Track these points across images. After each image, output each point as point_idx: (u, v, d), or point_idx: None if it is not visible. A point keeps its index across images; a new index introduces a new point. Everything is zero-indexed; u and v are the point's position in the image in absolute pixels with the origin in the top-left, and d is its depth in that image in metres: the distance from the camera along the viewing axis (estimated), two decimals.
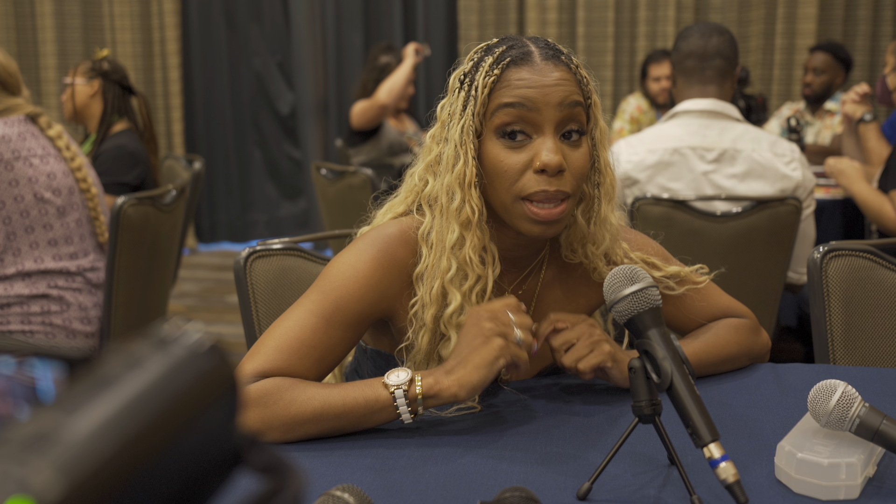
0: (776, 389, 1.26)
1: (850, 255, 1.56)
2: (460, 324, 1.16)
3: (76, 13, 5.93)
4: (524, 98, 1.12)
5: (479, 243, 1.17)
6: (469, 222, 1.16)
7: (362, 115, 4.22)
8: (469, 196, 1.15)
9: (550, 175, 1.12)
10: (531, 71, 1.13)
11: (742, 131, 2.50)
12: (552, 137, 1.13)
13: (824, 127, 4.26)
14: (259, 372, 1.10)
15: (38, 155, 2.39)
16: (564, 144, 1.14)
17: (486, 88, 1.14)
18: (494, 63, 1.15)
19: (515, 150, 1.14)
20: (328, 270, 1.19)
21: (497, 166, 1.14)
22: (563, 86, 1.13)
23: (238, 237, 6.32)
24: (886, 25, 5.19)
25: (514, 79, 1.13)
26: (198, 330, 0.42)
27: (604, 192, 1.21)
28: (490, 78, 1.14)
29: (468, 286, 1.17)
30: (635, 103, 4.91)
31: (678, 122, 2.52)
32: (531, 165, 1.13)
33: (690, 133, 2.48)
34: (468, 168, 1.15)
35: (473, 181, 1.15)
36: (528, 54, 1.15)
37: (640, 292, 0.98)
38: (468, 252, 1.16)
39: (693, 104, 2.51)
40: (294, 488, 0.41)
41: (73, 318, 2.43)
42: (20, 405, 0.46)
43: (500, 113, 1.13)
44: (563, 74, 1.14)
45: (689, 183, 2.48)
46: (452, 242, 1.16)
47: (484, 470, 1.01)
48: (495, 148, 1.15)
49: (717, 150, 2.46)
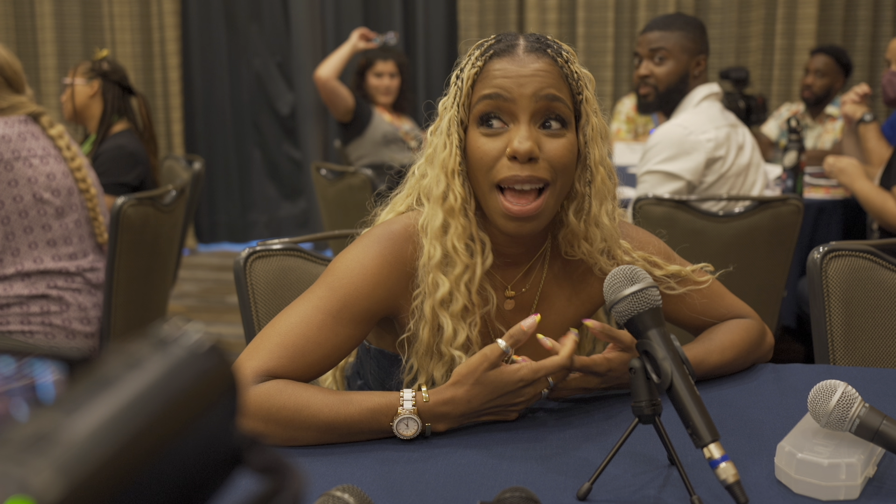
0: (776, 390, 1.26)
1: (850, 255, 1.56)
2: (454, 314, 1.16)
3: (76, 13, 5.93)
4: (500, 87, 1.15)
5: (463, 231, 1.18)
6: (452, 210, 1.18)
7: (326, 101, 4.27)
8: (452, 183, 1.18)
9: (522, 161, 1.14)
10: (510, 62, 1.16)
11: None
12: (526, 125, 1.15)
13: (825, 131, 4.26)
14: (262, 371, 1.09)
15: (38, 155, 2.39)
16: (542, 133, 1.16)
17: (470, 80, 1.18)
18: (480, 55, 1.19)
19: (492, 137, 1.16)
20: (335, 267, 1.18)
21: (475, 153, 1.17)
22: (541, 77, 1.15)
23: (238, 237, 6.32)
24: (886, 26, 5.19)
25: (493, 69, 1.17)
26: (198, 330, 0.42)
27: (595, 189, 1.21)
28: (473, 69, 1.18)
29: (456, 274, 1.17)
30: (630, 104, 4.91)
31: (712, 105, 2.66)
32: (505, 152, 1.15)
33: (723, 114, 2.66)
34: (452, 156, 1.18)
35: (457, 169, 1.18)
36: (513, 46, 1.18)
37: (640, 293, 0.98)
38: (452, 239, 1.17)
39: (708, 88, 2.67)
40: (294, 489, 0.41)
41: (73, 318, 2.43)
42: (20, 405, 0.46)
43: (480, 104, 1.16)
44: (543, 66, 1.16)
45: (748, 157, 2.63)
46: (436, 228, 1.18)
47: (484, 470, 1.01)
48: (475, 136, 1.17)
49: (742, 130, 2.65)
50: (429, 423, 1.07)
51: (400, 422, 1.06)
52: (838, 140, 3.98)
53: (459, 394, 1.07)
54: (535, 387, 1.08)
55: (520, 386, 1.07)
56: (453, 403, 1.07)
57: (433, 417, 1.07)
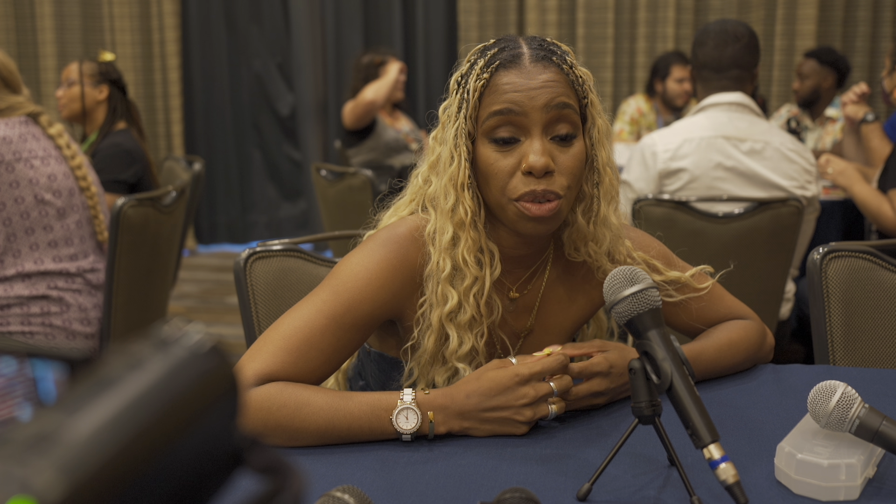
0: (776, 390, 1.27)
1: (850, 256, 1.56)
2: (461, 325, 1.17)
3: (76, 13, 5.93)
4: (511, 102, 1.14)
5: (473, 244, 1.18)
6: (462, 223, 1.17)
7: (352, 113, 4.27)
8: (462, 197, 1.17)
9: (538, 176, 1.13)
10: (519, 74, 1.15)
11: (768, 126, 2.59)
12: (539, 139, 1.14)
13: (825, 133, 4.26)
14: (264, 374, 1.09)
15: (39, 156, 2.39)
16: (554, 145, 1.15)
17: (477, 92, 1.16)
18: (485, 66, 1.17)
19: (505, 153, 1.15)
20: (339, 270, 1.18)
21: (488, 169, 1.16)
22: (551, 87, 1.14)
23: (238, 238, 6.32)
24: (886, 26, 5.19)
25: (502, 83, 1.15)
26: (198, 331, 0.42)
27: (603, 191, 1.22)
28: (480, 82, 1.16)
29: (465, 286, 1.17)
30: (635, 105, 4.90)
31: (708, 115, 2.58)
32: (520, 167, 1.14)
33: (723, 124, 2.55)
34: (461, 170, 1.17)
35: (466, 182, 1.17)
36: (518, 56, 1.16)
37: (640, 293, 0.98)
38: (462, 252, 1.17)
39: (721, 97, 2.58)
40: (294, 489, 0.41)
41: (73, 319, 2.43)
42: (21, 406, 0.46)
43: (490, 119, 1.15)
44: (551, 76, 1.15)
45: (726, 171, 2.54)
46: (447, 242, 1.17)
47: (484, 470, 1.01)
48: (486, 151, 1.16)
49: (749, 141, 2.53)
50: (430, 412, 1.07)
51: (399, 413, 1.06)
52: (838, 140, 3.98)
53: (458, 388, 1.09)
54: (535, 389, 1.08)
55: (516, 382, 1.07)
56: (451, 396, 1.08)
57: (432, 408, 1.08)
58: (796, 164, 2.54)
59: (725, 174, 2.52)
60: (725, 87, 2.58)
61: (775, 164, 2.52)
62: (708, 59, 2.57)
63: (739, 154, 2.53)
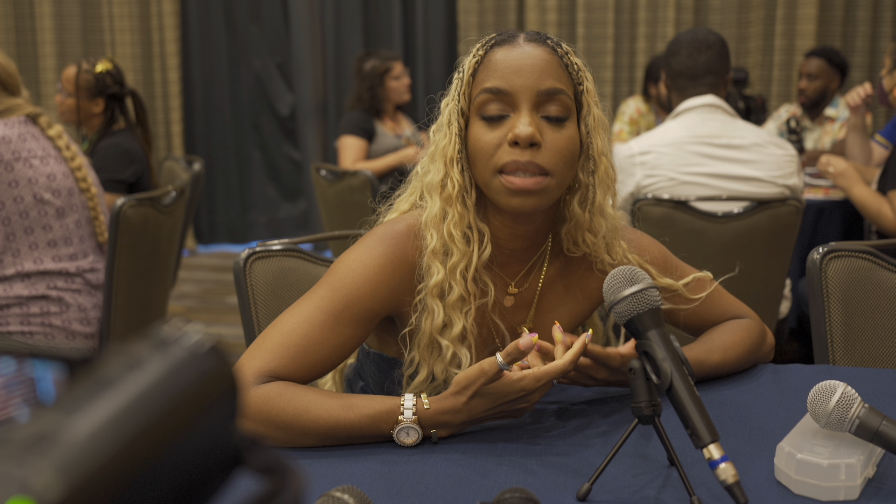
0: (776, 390, 1.27)
1: (850, 256, 1.56)
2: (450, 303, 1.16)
3: (75, 14, 5.93)
4: (501, 77, 1.16)
5: (460, 220, 1.18)
6: (450, 197, 1.18)
7: (345, 160, 4.09)
8: (451, 171, 1.18)
9: (523, 147, 1.14)
10: (511, 50, 1.17)
11: (742, 124, 2.62)
12: (528, 113, 1.15)
13: (824, 133, 4.26)
14: (264, 371, 1.09)
15: (39, 156, 2.39)
16: (545, 122, 1.16)
17: (471, 69, 1.19)
18: (481, 47, 1.20)
19: (493, 127, 1.16)
20: (337, 267, 1.18)
21: (476, 143, 1.17)
22: (542, 65, 1.16)
23: (237, 238, 6.32)
24: (886, 26, 5.19)
25: (494, 59, 1.17)
26: (198, 331, 0.42)
27: (598, 179, 1.22)
28: (474, 59, 1.19)
29: (452, 262, 1.17)
30: (634, 105, 4.90)
31: (681, 120, 2.61)
32: (506, 139, 1.15)
33: (696, 124, 2.58)
34: (451, 145, 1.18)
35: (455, 157, 1.18)
36: (513, 37, 1.19)
37: (640, 293, 0.98)
38: (449, 226, 1.17)
39: (694, 101, 2.62)
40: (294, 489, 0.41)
41: (73, 319, 2.43)
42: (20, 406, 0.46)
43: (481, 94, 1.17)
44: (543, 55, 1.17)
45: (699, 168, 2.55)
46: (434, 215, 1.18)
47: (484, 470, 1.01)
48: (477, 127, 1.18)
49: (725, 138, 2.55)
50: (433, 431, 1.07)
51: (401, 430, 1.06)
52: (837, 140, 3.98)
53: (460, 403, 1.06)
54: (539, 391, 1.08)
55: (522, 395, 1.07)
56: (454, 412, 1.07)
57: (434, 426, 1.07)
58: (774, 157, 2.55)
59: (705, 178, 2.54)
60: (701, 93, 2.62)
61: (755, 156, 2.55)
62: (682, 67, 2.62)
63: (716, 150, 2.55)
